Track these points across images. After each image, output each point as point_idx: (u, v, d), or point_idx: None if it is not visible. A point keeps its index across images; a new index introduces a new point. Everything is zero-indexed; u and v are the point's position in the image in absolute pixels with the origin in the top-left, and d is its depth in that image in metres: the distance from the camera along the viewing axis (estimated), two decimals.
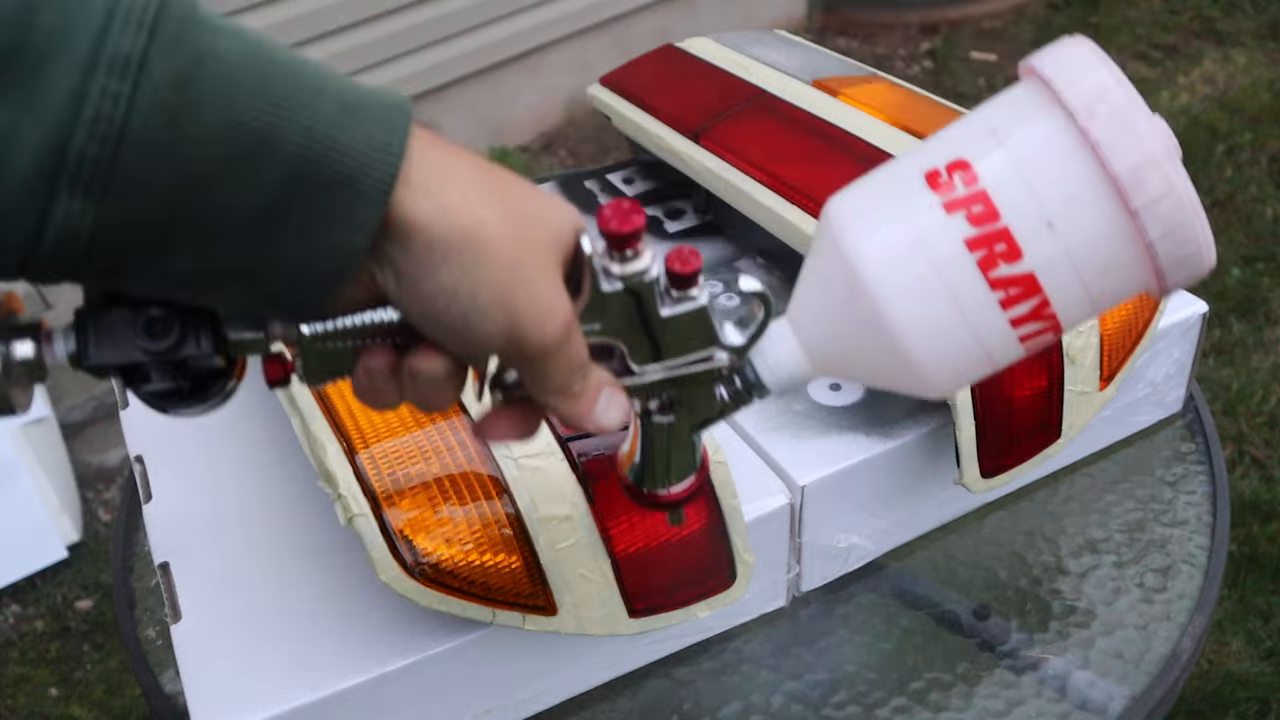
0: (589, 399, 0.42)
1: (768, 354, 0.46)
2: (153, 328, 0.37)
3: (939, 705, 0.64)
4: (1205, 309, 0.76)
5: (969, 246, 0.42)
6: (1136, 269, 0.42)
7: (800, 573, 0.68)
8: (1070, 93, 0.40)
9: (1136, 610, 0.68)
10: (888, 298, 0.43)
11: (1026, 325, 0.43)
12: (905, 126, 0.79)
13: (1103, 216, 0.41)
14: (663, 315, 0.43)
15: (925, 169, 0.43)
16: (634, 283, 0.42)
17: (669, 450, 0.48)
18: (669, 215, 0.93)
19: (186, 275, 0.35)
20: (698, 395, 0.46)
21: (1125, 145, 0.39)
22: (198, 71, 0.32)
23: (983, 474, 0.67)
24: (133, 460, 0.74)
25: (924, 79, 2.68)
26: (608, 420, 0.43)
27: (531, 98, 2.52)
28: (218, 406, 0.41)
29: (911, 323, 0.43)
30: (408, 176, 0.36)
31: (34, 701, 1.51)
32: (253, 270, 0.35)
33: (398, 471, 0.57)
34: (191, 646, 0.60)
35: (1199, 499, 0.75)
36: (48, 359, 0.37)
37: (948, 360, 0.44)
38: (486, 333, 0.38)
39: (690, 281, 0.43)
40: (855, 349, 0.45)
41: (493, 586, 0.56)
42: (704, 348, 0.45)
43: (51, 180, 0.31)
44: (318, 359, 0.40)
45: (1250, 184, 2.17)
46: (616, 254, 0.42)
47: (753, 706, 0.64)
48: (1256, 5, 2.81)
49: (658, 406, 0.46)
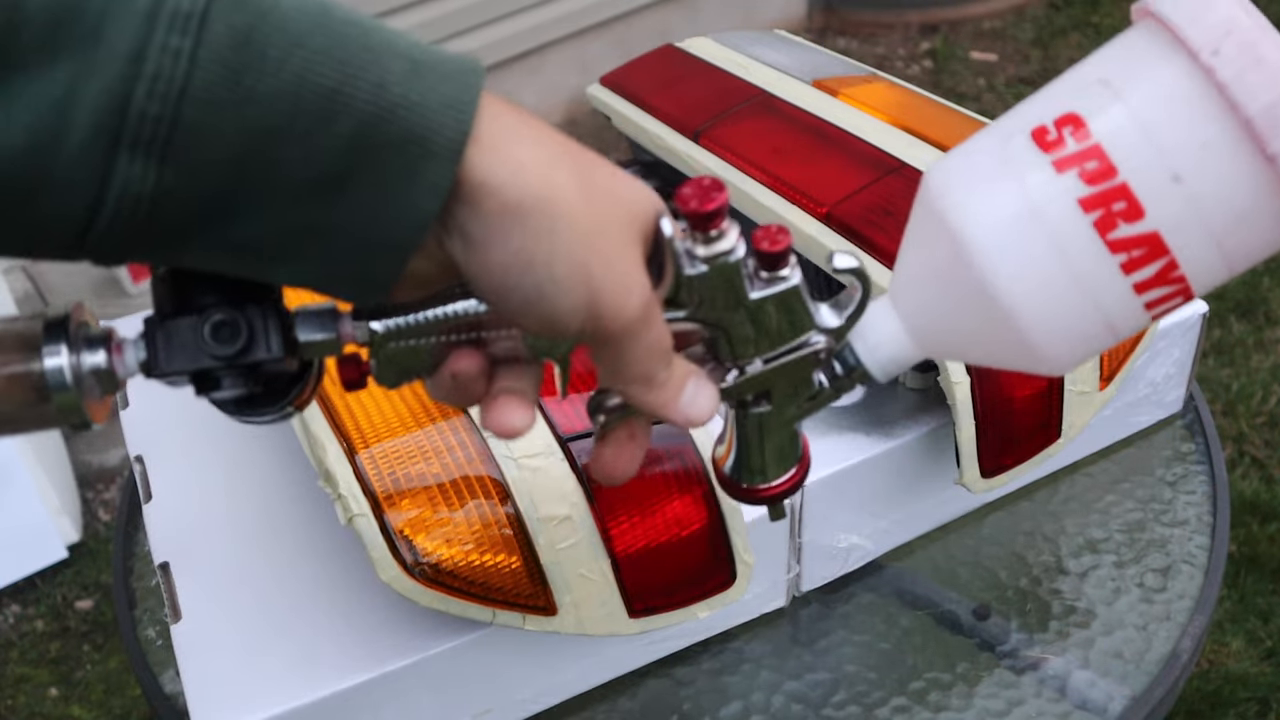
0: (674, 388, 0.40)
1: (868, 335, 0.44)
2: (220, 332, 0.37)
3: (939, 705, 0.64)
4: (1205, 309, 0.76)
5: (1084, 207, 0.38)
6: (1276, 220, 0.38)
7: (800, 573, 0.68)
8: (1192, 29, 0.37)
9: (1136, 610, 0.68)
10: (996, 268, 0.39)
11: (1153, 290, 0.39)
12: (905, 126, 0.79)
13: (1235, 164, 0.37)
14: (752, 298, 0.41)
15: (1032, 126, 0.40)
16: (719, 264, 0.40)
17: (766, 442, 0.46)
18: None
19: (252, 243, 0.33)
20: (795, 382, 0.44)
21: (1257, 82, 0.36)
22: (261, 27, 0.31)
23: (983, 474, 0.67)
24: (133, 460, 0.74)
25: (924, 79, 2.68)
26: (696, 411, 0.41)
27: (531, 98, 2.52)
28: (295, 413, 0.40)
29: (1025, 294, 0.40)
30: (479, 136, 0.34)
31: (34, 701, 1.51)
32: (321, 236, 0.34)
33: (398, 471, 0.57)
34: (191, 646, 0.60)
35: (1199, 499, 0.75)
36: (119, 370, 0.37)
37: (1066, 333, 0.41)
38: (562, 307, 0.36)
39: (781, 260, 0.41)
40: (963, 326, 0.42)
41: (493, 586, 0.56)
42: (799, 332, 0.42)
43: (112, 141, 0.30)
44: (391, 358, 0.39)
45: None
46: (699, 234, 0.39)
47: (753, 706, 0.64)
48: (1256, 5, 2.81)
49: (753, 396, 0.44)
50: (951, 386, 0.63)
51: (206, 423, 0.76)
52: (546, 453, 0.58)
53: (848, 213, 0.71)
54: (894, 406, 0.70)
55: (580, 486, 0.57)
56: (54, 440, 1.75)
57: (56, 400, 0.35)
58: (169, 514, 0.69)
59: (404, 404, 0.60)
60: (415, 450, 0.58)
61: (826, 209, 0.72)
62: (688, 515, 0.59)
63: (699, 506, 0.59)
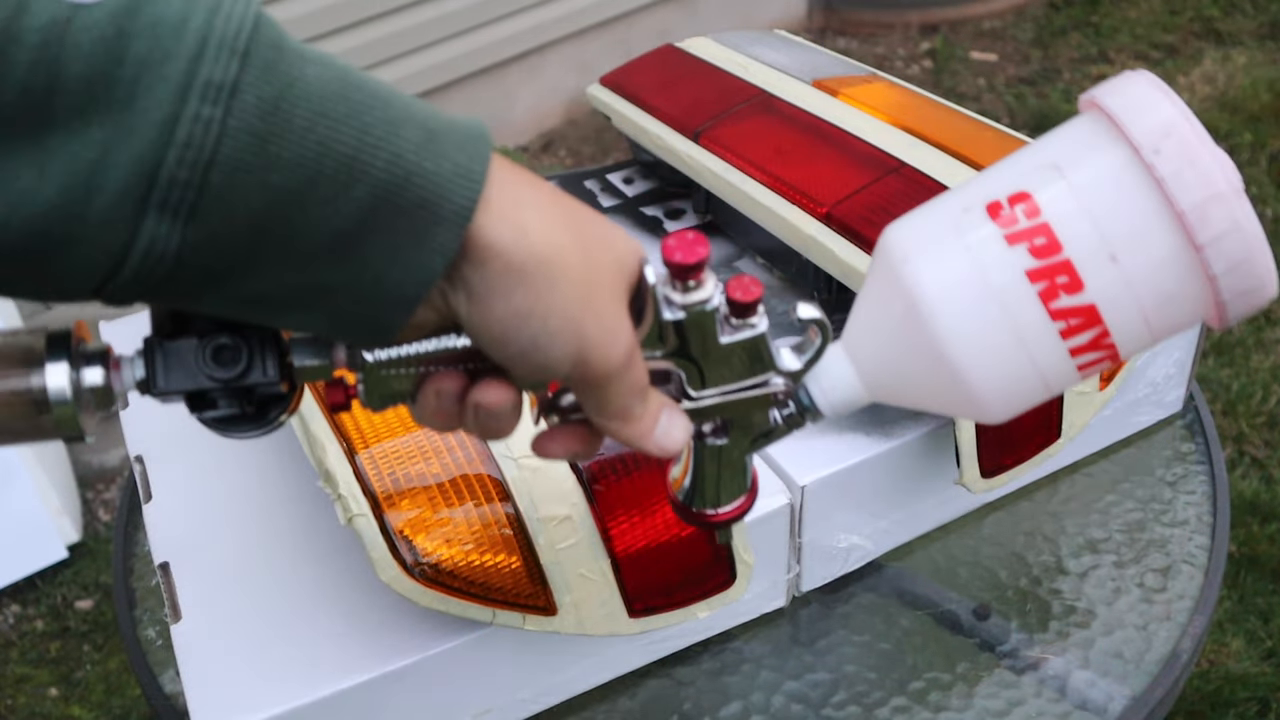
0: (649, 421, 0.43)
1: (823, 379, 0.47)
2: (220, 355, 0.38)
3: (939, 705, 0.64)
4: None
5: (1030, 278, 0.42)
6: (1198, 301, 0.42)
7: (800, 573, 0.68)
8: (1136, 128, 0.41)
9: (1136, 610, 0.68)
10: (949, 329, 0.43)
11: (1085, 355, 0.44)
12: (905, 126, 0.79)
13: (1167, 250, 0.41)
14: (722, 342, 0.44)
15: (987, 200, 0.43)
16: (695, 311, 0.43)
17: (721, 472, 0.48)
18: (669, 215, 0.92)
19: (263, 297, 0.35)
20: (752, 418, 0.47)
21: (1191, 181, 0.40)
22: (288, 97, 0.32)
23: (983, 474, 0.67)
24: (133, 460, 0.74)
25: (924, 79, 2.68)
26: (670, 441, 0.43)
27: (531, 98, 2.52)
28: (274, 430, 0.41)
29: (972, 353, 0.43)
30: (488, 201, 0.36)
31: (34, 701, 1.51)
32: (329, 292, 0.35)
33: (398, 471, 0.57)
34: (191, 646, 0.60)
35: (1199, 499, 0.75)
36: (116, 386, 0.38)
37: (1006, 388, 0.45)
38: (554, 357, 0.38)
39: (751, 310, 0.44)
40: (912, 376, 0.46)
41: (493, 586, 0.56)
42: (761, 373, 0.45)
43: (141, 204, 0.31)
44: (380, 385, 0.40)
45: (1250, 184, 2.17)
46: (679, 284, 0.42)
47: (753, 706, 0.64)
48: (1256, 5, 2.81)
49: (712, 429, 0.47)
50: None
51: None
52: None
53: (848, 213, 0.71)
54: (893, 407, 0.70)
55: (580, 486, 0.57)
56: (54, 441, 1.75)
57: (55, 414, 0.37)
58: (169, 514, 0.69)
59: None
60: (415, 450, 0.58)
61: (826, 209, 0.72)
62: None
63: None
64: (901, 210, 0.71)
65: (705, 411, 0.46)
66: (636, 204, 0.95)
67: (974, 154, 0.75)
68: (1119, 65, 2.67)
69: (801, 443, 0.68)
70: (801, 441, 0.68)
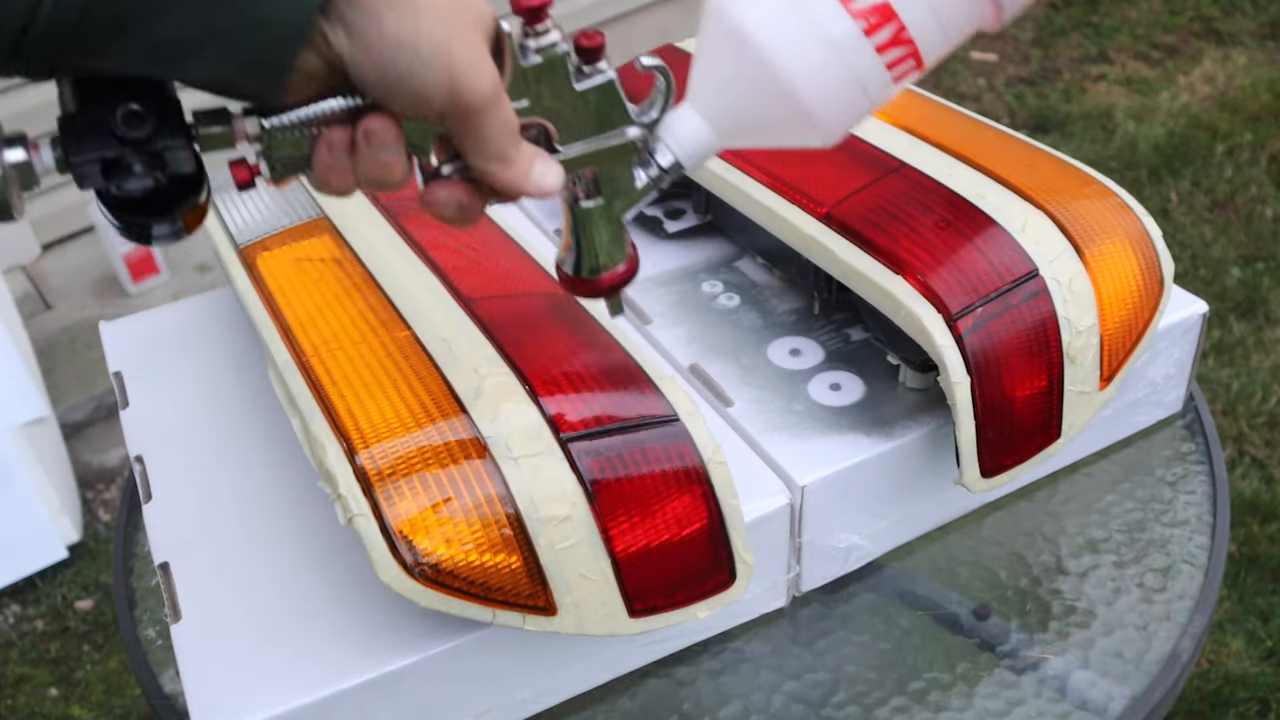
0: (525, 164, 0.48)
1: (675, 130, 0.53)
2: (130, 120, 0.42)
3: (939, 705, 0.64)
4: (1205, 309, 0.76)
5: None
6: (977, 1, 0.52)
7: (800, 573, 0.68)
8: None
9: (1136, 610, 0.68)
10: (770, 44, 0.50)
11: (890, 52, 0.51)
12: (905, 126, 0.79)
13: None
14: (577, 88, 0.49)
15: None
16: (549, 55, 0.48)
17: (598, 234, 0.54)
18: (669, 215, 0.92)
19: (169, 43, 0.40)
20: (618, 177, 0.52)
21: None
22: None
23: (983, 474, 0.67)
24: (133, 460, 0.74)
25: (924, 79, 2.68)
26: (546, 182, 0.49)
27: None
28: (192, 227, 0.46)
29: (794, 62, 0.50)
30: None
31: (34, 701, 1.51)
32: (224, 34, 0.40)
33: (398, 471, 0.57)
34: (191, 646, 0.60)
35: (1199, 499, 0.75)
36: (37, 165, 0.42)
37: (830, 96, 0.51)
38: (429, 83, 0.43)
39: (597, 55, 0.49)
40: (750, 107, 0.52)
41: (493, 586, 0.56)
42: (618, 124, 0.51)
43: None
44: (279, 147, 0.45)
45: (1250, 184, 2.17)
46: (530, 30, 0.48)
47: (753, 706, 0.64)
48: (1256, 5, 2.81)
49: (584, 192, 0.53)
50: (951, 386, 0.63)
51: (206, 423, 0.76)
52: (546, 453, 0.58)
53: (848, 213, 0.71)
54: (894, 406, 0.70)
55: (580, 486, 0.57)
56: (54, 440, 1.75)
57: None
58: (169, 514, 0.69)
59: (404, 404, 0.60)
60: (415, 450, 0.58)
61: (826, 209, 0.72)
62: (688, 515, 0.59)
63: (699, 506, 0.59)
64: (901, 210, 0.71)
65: (573, 164, 0.51)
66: None
67: (974, 154, 0.75)
68: (1119, 65, 2.67)
69: (801, 443, 0.68)
70: (802, 441, 0.68)
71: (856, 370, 0.73)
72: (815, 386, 0.72)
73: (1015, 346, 0.65)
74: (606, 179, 0.52)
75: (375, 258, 0.73)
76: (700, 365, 0.75)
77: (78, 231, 2.17)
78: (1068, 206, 0.70)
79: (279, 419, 0.74)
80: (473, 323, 0.65)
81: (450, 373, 0.61)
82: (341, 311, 0.68)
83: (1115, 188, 0.73)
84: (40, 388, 1.74)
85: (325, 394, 0.61)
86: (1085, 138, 2.39)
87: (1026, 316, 0.65)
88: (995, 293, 0.65)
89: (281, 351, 0.66)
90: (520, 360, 0.62)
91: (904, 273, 0.66)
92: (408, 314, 0.67)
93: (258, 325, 0.69)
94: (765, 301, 0.81)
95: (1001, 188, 0.71)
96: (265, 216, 0.80)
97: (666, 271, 0.85)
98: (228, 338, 0.84)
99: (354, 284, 0.71)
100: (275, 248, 0.76)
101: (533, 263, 0.74)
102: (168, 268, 2.11)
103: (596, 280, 0.56)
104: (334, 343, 0.65)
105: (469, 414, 0.60)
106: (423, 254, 0.73)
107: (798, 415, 0.70)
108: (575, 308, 0.68)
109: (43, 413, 1.70)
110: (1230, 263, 1.98)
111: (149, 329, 0.86)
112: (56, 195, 2.12)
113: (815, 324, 0.78)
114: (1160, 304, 0.71)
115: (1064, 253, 0.67)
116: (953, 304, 0.64)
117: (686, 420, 0.60)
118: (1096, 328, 0.68)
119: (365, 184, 0.47)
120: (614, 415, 0.59)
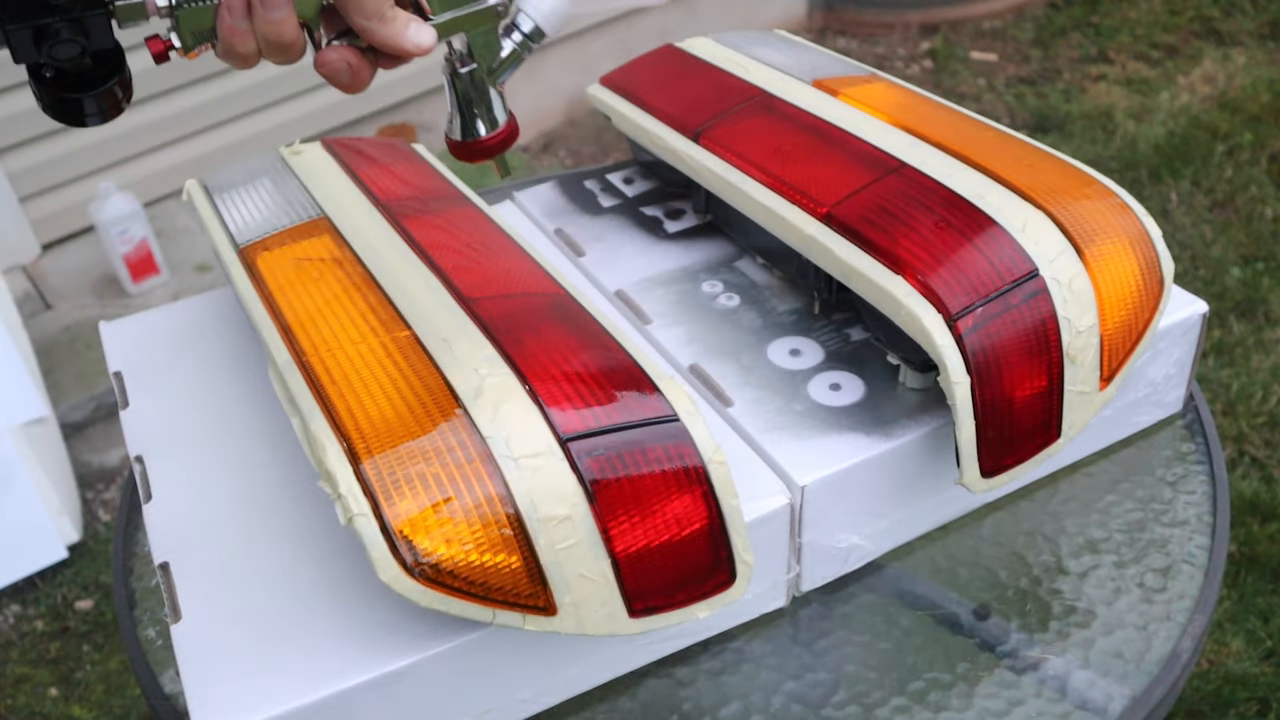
0: (401, 23, 0.53)
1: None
2: None
3: (939, 705, 0.64)
4: (1205, 309, 0.76)
5: None
6: None
7: (800, 573, 0.68)
8: None
9: (1136, 610, 0.68)
10: None
11: None
12: (905, 126, 0.79)
13: None
14: None
15: None
16: None
17: (476, 97, 0.60)
18: (669, 215, 0.93)
19: None
20: (488, 44, 0.58)
21: None
22: None
23: (983, 474, 0.67)
24: (133, 460, 0.74)
25: (924, 79, 2.68)
26: (422, 38, 0.54)
27: (531, 98, 2.52)
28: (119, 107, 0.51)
29: None
30: None
31: (34, 701, 1.51)
32: None
33: (398, 471, 0.57)
34: (191, 646, 0.60)
35: (1199, 499, 0.75)
36: None
37: None
38: None
39: None
40: None
41: (493, 586, 0.56)
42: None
43: None
44: (188, 21, 0.50)
45: (1250, 184, 2.17)
46: None
47: (753, 706, 0.64)
48: (1256, 5, 2.81)
49: (460, 61, 0.59)
50: (951, 386, 0.63)
51: (206, 423, 0.76)
52: (546, 453, 0.58)
53: (848, 213, 0.71)
54: (894, 406, 0.70)
55: (580, 486, 0.57)
56: (54, 440, 1.75)
57: None
58: (169, 514, 0.69)
59: (404, 404, 0.60)
60: (415, 450, 0.58)
61: (826, 209, 0.72)
62: (688, 515, 0.59)
63: (699, 506, 0.59)
64: (901, 210, 0.72)
65: (444, 29, 0.56)
66: (636, 204, 0.95)
67: (974, 154, 0.75)
68: (1119, 65, 2.67)
69: (801, 443, 0.68)
70: (802, 441, 0.68)
71: (856, 370, 0.74)
72: (815, 386, 0.72)
73: (1015, 346, 0.65)
74: (478, 46, 0.58)
75: (375, 258, 0.73)
76: (700, 365, 0.75)
77: (78, 231, 2.17)
78: (1068, 206, 0.70)
79: (279, 419, 0.74)
80: (473, 323, 0.65)
81: (450, 373, 0.61)
82: (341, 311, 0.68)
83: (1115, 188, 0.73)
84: (40, 388, 1.74)
85: (325, 394, 0.61)
86: (1085, 138, 2.39)
87: (1026, 316, 0.65)
88: (995, 293, 0.65)
89: (281, 351, 0.66)
90: (520, 360, 0.62)
91: (904, 272, 0.66)
92: (408, 314, 0.67)
93: (258, 325, 0.69)
94: (765, 301, 0.81)
95: (1001, 188, 0.71)
96: (265, 216, 0.80)
97: (666, 271, 0.85)
98: (228, 338, 0.84)
99: (354, 284, 0.71)
100: (275, 248, 0.76)
101: (533, 263, 0.74)
102: (168, 268, 2.11)
103: (480, 142, 0.61)
104: (334, 342, 0.65)
105: (469, 414, 0.60)
106: (423, 254, 0.73)
107: (798, 415, 0.70)
108: (576, 308, 0.68)
109: (43, 413, 1.70)
110: (1230, 263, 1.98)
111: (149, 329, 0.86)
112: (57, 195, 2.13)
113: (815, 324, 0.78)
114: (1160, 304, 0.71)
115: (1064, 253, 0.67)
116: (953, 304, 0.64)
117: (686, 420, 0.60)
118: (1096, 328, 0.68)
119: (265, 48, 0.52)
120: (614, 415, 0.59)
